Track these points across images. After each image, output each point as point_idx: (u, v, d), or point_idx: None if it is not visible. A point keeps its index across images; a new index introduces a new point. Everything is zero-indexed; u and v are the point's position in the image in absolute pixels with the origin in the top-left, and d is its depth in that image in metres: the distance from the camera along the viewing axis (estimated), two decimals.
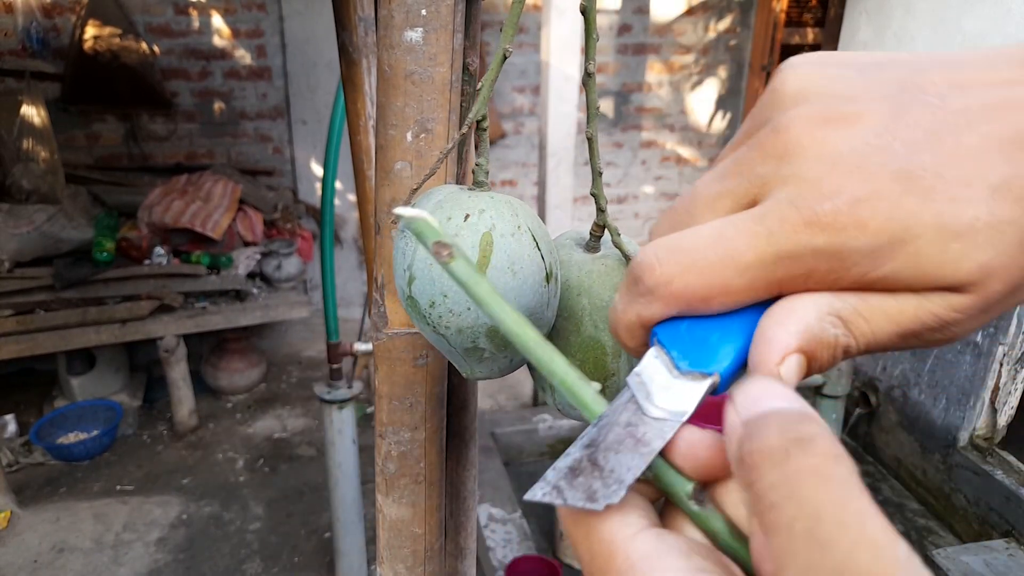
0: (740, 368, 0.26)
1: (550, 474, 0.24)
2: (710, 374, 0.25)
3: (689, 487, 0.23)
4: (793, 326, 0.23)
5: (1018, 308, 2.15)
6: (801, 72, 0.25)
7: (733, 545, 0.22)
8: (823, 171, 0.23)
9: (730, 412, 0.22)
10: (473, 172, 0.44)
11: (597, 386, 0.25)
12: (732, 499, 0.23)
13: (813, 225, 0.22)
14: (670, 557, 0.21)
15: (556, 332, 0.46)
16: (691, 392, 0.25)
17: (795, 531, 0.18)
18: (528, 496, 0.23)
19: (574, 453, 0.24)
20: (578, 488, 0.23)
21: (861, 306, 0.23)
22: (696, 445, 0.23)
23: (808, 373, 0.24)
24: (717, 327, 0.26)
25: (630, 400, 0.25)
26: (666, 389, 0.25)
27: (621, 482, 0.22)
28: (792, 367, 0.23)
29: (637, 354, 0.27)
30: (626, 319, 0.27)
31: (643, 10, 4.03)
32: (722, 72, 4.28)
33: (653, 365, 0.26)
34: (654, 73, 4.21)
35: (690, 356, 0.26)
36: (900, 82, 0.24)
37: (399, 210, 0.25)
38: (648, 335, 0.27)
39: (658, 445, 0.24)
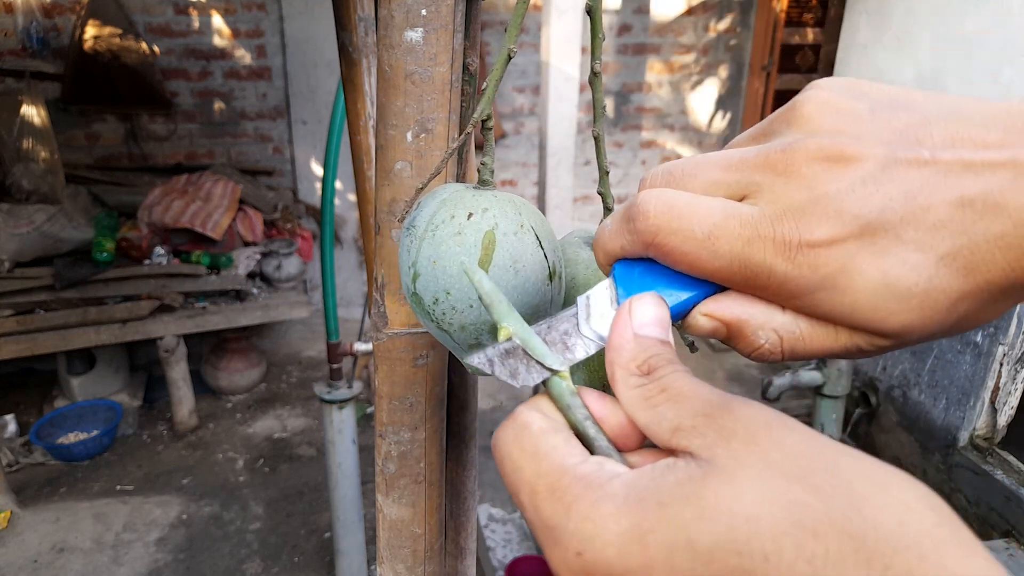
0: (673, 318, 0.30)
1: (490, 350, 0.28)
2: None
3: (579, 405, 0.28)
4: (738, 307, 0.28)
5: (1018, 308, 2.15)
6: (821, 98, 0.28)
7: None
8: (807, 203, 0.26)
9: (625, 320, 0.28)
10: (478, 171, 0.44)
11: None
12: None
13: (779, 251, 0.26)
14: (559, 432, 0.26)
15: None
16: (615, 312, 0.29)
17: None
18: (466, 360, 0.27)
19: (513, 341, 0.28)
20: (506, 367, 0.28)
21: (803, 331, 0.28)
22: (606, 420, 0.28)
23: (726, 342, 0.29)
24: (664, 281, 0.29)
25: (573, 315, 0.30)
26: (602, 316, 0.30)
27: (541, 372, 0.27)
28: (707, 325, 0.29)
29: (604, 274, 0.32)
30: (609, 245, 0.31)
31: (643, 10, 4.03)
32: (722, 72, 4.28)
33: (601, 294, 0.31)
34: (654, 73, 4.21)
35: (630, 292, 0.30)
36: (903, 131, 0.26)
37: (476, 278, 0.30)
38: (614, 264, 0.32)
39: (580, 355, 0.29)
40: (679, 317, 0.30)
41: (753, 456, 0.21)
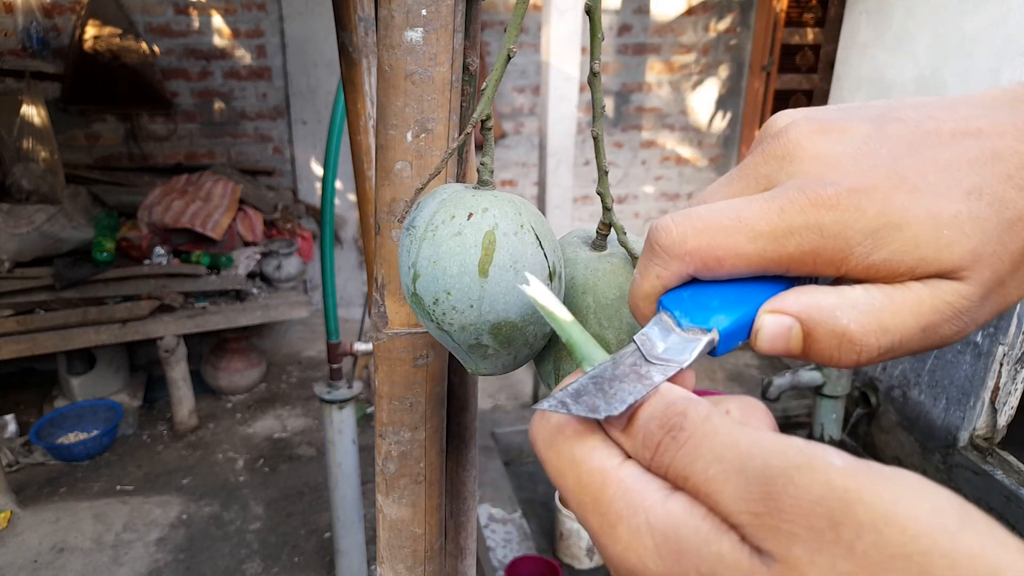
0: (740, 334, 0.28)
1: (558, 393, 0.26)
2: (709, 330, 0.27)
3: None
4: (804, 296, 0.26)
5: (1018, 307, 2.15)
6: (787, 112, 0.29)
7: None
8: (822, 167, 0.26)
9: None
10: (478, 171, 0.44)
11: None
12: None
13: (819, 206, 0.25)
14: (654, 482, 0.23)
15: None
16: (690, 344, 0.27)
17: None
18: (536, 406, 0.26)
19: (581, 381, 0.26)
20: (582, 405, 0.25)
21: (881, 300, 0.25)
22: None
23: (808, 353, 0.26)
24: (719, 294, 0.28)
25: (635, 351, 0.28)
26: (668, 342, 0.28)
27: (623, 401, 0.25)
28: (774, 327, 0.26)
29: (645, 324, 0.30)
30: (645, 284, 0.29)
31: (643, 10, 4.03)
32: (722, 72, 4.28)
33: (657, 326, 0.28)
34: (654, 73, 4.21)
35: (691, 315, 0.28)
36: (878, 112, 0.27)
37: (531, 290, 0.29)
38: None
39: (659, 379, 0.26)
40: (746, 333, 0.27)
41: (816, 569, 0.19)
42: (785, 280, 0.28)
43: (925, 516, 0.18)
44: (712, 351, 0.28)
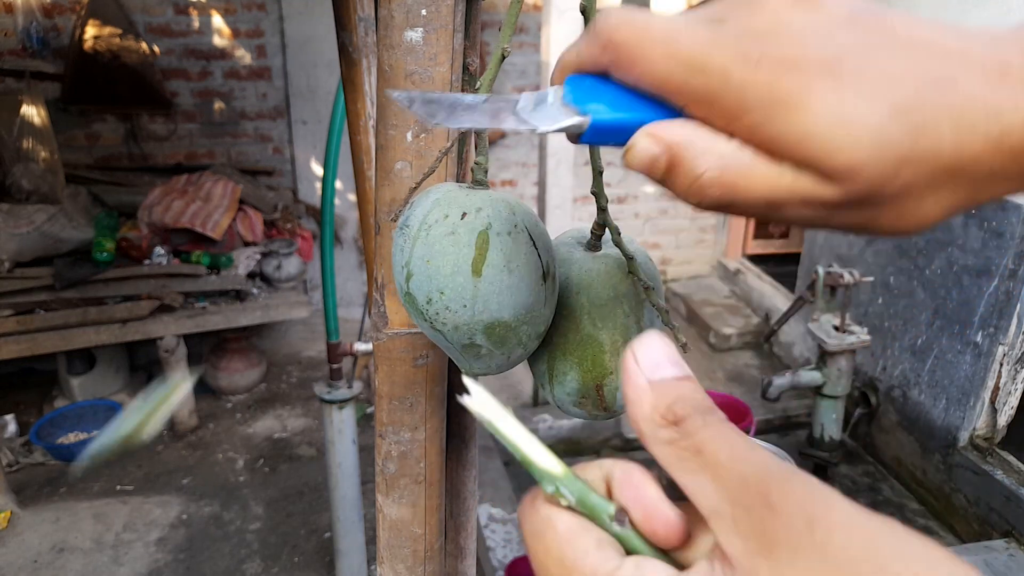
0: (613, 135, 0.28)
1: (415, 92, 0.29)
2: (583, 114, 0.28)
3: (611, 509, 0.25)
4: (683, 129, 0.26)
5: (1018, 307, 2.15)
6: None
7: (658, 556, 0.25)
8: (771, 29, 0.25)
9: (634, 369, 0.25)
10: (472, 170, 0.44)
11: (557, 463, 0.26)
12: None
13: (740, 60, 0.25)
14: (590, 532, 0.24)
15: (555, 329, 0.46)
16: (558, 117, 0.28)
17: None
18: (387, 92, 0.29)
19: (439, 95, 0.29)
20: (426, 108, 0.28)
21: (746, 162, 0.26)
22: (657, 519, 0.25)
23: (665, 182, 0.27)
24: (616, 94, 0.28)
25: (510, 101, 0.30)
26: (543, 109, 0.29)
27: (459, 122, 0.28)
28: (645, 150, 0.27)
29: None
30: (566, 55, 0.30)
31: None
32: None
33: (547, 94, 0.29)
34: None
35: (578, 97, 0.28)
36: (876, 7, 0.26)
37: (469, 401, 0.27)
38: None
39: (500, 126, 0.29)
40: (619, 138, 0.28)
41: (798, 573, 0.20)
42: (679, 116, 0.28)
43: None
44: (578, 136, 0.29)
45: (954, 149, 0.24)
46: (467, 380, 0.27)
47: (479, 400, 0.26)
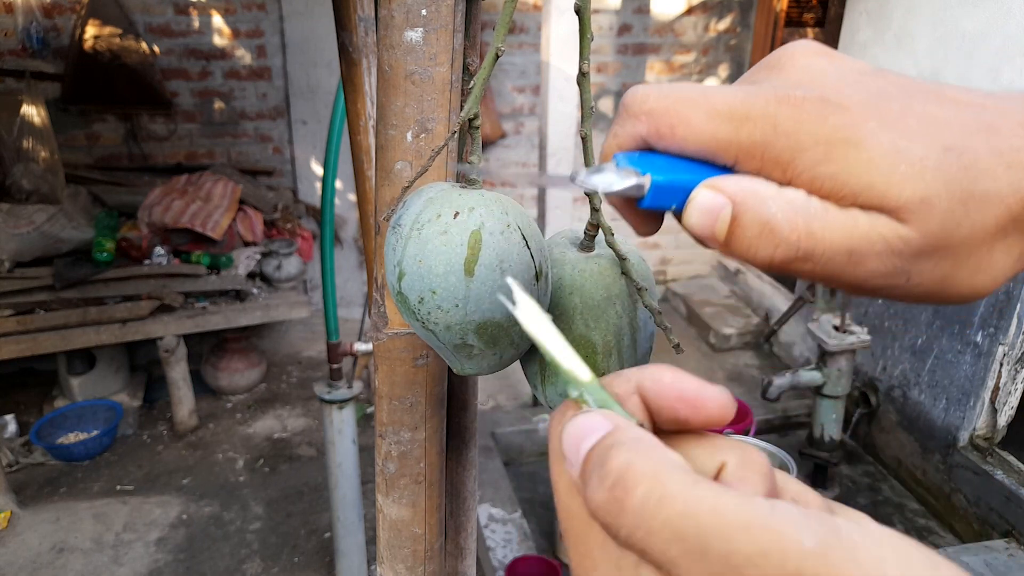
0: (672, 196, 0.28)
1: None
2: (643, 174, 0.28)
3: (634, 422, 0.24)
4: (744, 181, 0.26)
5: (1018, 307, 2.15)
6: (801, 57, 0.28)
7: None
8: (803, 76, 0.26)
9: (566, 441, 0.23)
10: (465, 170, 0.44)
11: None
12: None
13: (783, 102, 0.24)
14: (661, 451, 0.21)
15: None
16: (620, 178, 0.28)
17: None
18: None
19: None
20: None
21: (817, 208, 0.24)
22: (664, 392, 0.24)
23: (730, 241, 0.26)
24: (662, 163, 0.28)
25: (565, 176, 0.30)
26: (598, 173, 0.29)
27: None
28: (707, 201, 0.26)
29: None
30: (605, 143, 0.29)
31: (643, 10, 4.03)
32: (722, 72, 4.28)
33: (603, 165, 0.29)
34: (654, 73, 4.21)
35: (632, 162, 0.28)
36: (888, 71, 0.26)
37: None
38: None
39: (570, 182, 0.29)
40: (678, 199, 0.28)
41: None
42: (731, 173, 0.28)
43: None
44: (640, 199, 0.28)
45: (1013, 191, 0.23)
46: (512, 283, 0.26)
47: (523, 307, 0.26)
